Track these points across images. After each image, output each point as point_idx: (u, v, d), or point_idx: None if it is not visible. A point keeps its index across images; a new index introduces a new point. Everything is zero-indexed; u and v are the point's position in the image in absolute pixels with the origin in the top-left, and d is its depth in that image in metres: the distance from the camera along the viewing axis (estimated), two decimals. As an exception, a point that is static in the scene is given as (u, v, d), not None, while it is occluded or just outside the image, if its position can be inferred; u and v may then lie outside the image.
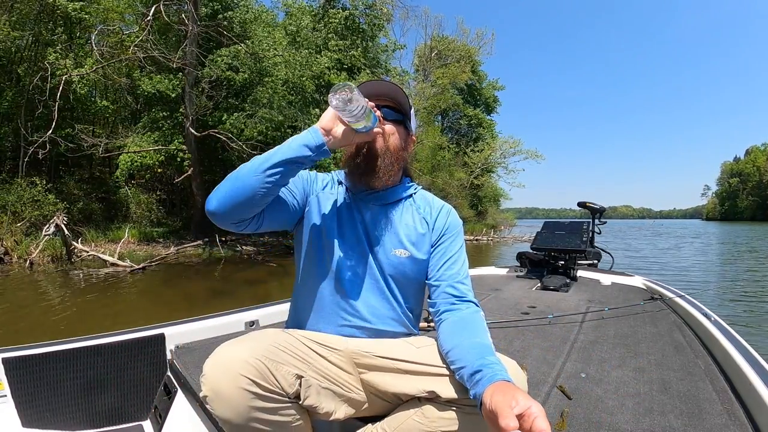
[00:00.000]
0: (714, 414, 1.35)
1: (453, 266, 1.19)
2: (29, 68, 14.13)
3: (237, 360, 0.84)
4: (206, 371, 0.85)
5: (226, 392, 0.82)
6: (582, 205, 4.75)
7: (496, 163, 36.02)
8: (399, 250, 1.17)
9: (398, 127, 1.19)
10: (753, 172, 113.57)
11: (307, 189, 1.23)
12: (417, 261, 1.19)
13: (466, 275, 1.21)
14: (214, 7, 14.61)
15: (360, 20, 20.06)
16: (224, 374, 0.83)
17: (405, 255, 1.17)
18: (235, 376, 0.82)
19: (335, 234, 1.17)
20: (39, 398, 1.63)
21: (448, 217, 1.26)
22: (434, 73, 30.98)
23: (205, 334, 2.08)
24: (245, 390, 0.83)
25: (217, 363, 0.85)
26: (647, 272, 10.49)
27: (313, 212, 1.20)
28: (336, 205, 1.21)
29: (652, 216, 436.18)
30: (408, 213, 1.23)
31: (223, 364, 0.84)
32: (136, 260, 11.05)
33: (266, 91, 13.77)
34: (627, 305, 2.76)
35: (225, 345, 0.90)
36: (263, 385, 0.85)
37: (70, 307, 6.55)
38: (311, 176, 1.26)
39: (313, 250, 1.17)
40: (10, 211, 11.83)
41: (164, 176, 16.90)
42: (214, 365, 0.85)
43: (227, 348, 0.88)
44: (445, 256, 1.20)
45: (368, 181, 1.16)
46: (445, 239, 1.22)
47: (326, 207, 1.20)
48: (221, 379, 0.83)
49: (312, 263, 1.18)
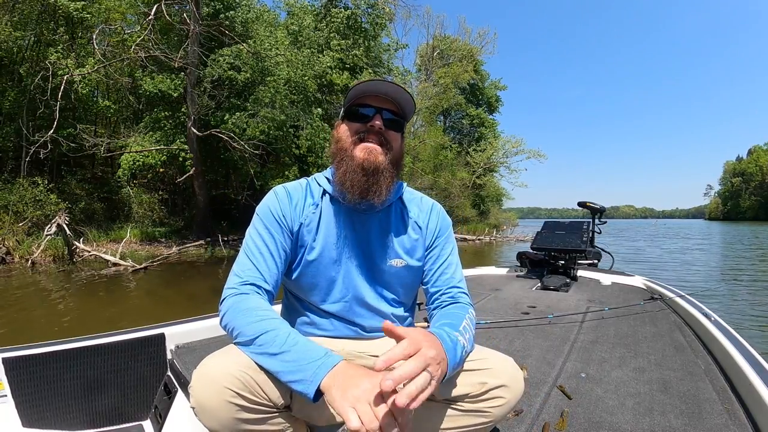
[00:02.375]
0: (714, 414, 1.34)
1: (447, 270, 1.19)
2: (31, 68, 14.17)
3: (222, 373, 0.83)
4: (193, 383, 0.85)
5: (211, 405, 0.82)
6: (582, 205, 4.75)
7: (498, 162, 35.94)
8: (395, 260, 1.16)
9: (399, 134, 1.16)
10: (756, 172, 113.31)
11: (291, 226, 1.12)
12: (412, 268, 1.19)
13: (461, 277, 1.21)
14: (215, 7, 14.61)
15: (362, 19, 20.00)
16: (209, 387, 0.83)
17: (401, 264, 1.17)
18: (220, 390, 0.82)
19: (328, 248, 1.13)
20: (39, 398, 1.64)
21: (439, 219, 1.24)
22: (436, 73, 31.00)
23: (205, 334, 2.08)
24: (230, 402, 0.82)
25: (202, 375, 0.84)
26: (647, 272, 10.47)
27: (303, 234, 1.13)
28: (325, 220, 1.14)
29: (655, 216, 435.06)
30: (400, 219, 1.21)
31: (208, 376, 0.84)
32: (138, 260, 11.08)
33: (268, 90, 13.76)
34: (627, 305, 2.76)
35: (212, 356, 0.89)
36: (249, 398, 0.84)
37: (72, 307, 6.57)
38: (284, 210, 1.12)
39: (304, 263, 1.13)
40: (12, 210, 11.87)
41: (166, 176, 16.94)
42: (200, 378, 0.84)
43: (213, 360, 0.88)
44: (438, 261, 1.20)
45: (369, 199, 1.10)
46: (438, 242, 1.21)
47: (314, 225, 1.14)
48: (206, 392, 0.82)
49: (304, 277, 1.14)
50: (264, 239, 1.08)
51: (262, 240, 1.08)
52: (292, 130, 14.88)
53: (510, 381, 0.98)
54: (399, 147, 1.16)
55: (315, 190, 1.18)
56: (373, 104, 1.10)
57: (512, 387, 0.98)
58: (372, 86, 1.09)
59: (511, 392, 0.97)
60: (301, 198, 1.16)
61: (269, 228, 1.09)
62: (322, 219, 1.14)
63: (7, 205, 11.90)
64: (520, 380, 1.01)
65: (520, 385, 1.01)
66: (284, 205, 1.12)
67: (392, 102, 1.12)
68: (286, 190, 1.16)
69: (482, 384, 0.96)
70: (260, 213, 1.12)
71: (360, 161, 1.07)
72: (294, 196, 1.15)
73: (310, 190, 1.18)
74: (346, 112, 1.13)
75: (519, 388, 1.00)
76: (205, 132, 13.72)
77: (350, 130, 1.11)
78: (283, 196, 1.14)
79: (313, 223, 1.13)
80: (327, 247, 1.12)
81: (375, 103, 1.10)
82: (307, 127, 14.89)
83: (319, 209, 1.15)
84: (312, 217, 1.14)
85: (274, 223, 1.10)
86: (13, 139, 13.96)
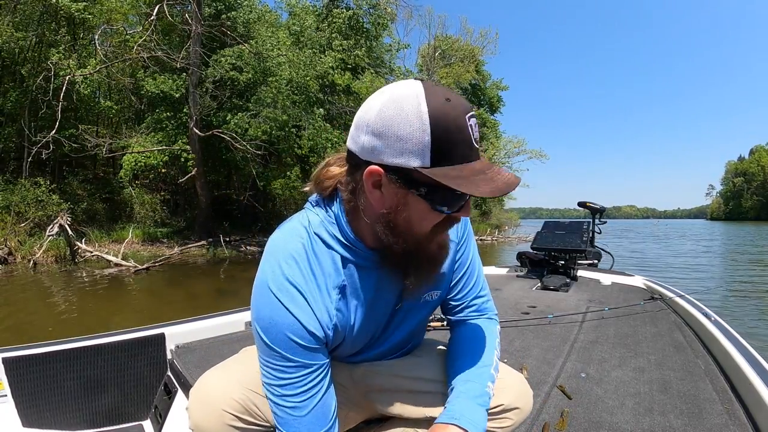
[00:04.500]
0: (714, 414, 1.34)
1: (471, 278, 0.99)
2: (33, 69, 14.22)
3: (221, 396, 0.81)
4: (190, 405, 0.83)
5: (210, 428, 0.80)
6: (582, 205, 4.74)
7: (500, 162, 35.83)
8: (431, 294, 0.93)
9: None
10: (757, 172, 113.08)
11: (324, 339, 0.79)
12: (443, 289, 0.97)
13: (483, 282, 1.03)
14: (217, 7, 14.63)
15: (364, 20, 20.04)
16: (207, 410, 0.81)
17: (436, 295, 0.95)
18: (219, 414, 0.80)
19: (363, 325, 0.86)
20: (39, 398, 1.64)
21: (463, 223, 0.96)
22: (438, 73, 30.95)
23: (206, 334, 2.09)
24: (229, 425, 0.80)
25: (200, 398, 0.82)
26: (647, 272, 10.45)
27: (331, 336, 0.81)
28: (352, 299, 0.82)
29: (656, 216, 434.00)
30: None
31: (206, 398, 0.81)
32: (140, 260, 11.10)
33: (270, 90, 13.78)
34: (627, 305, 2.75)
35: (210, 374, 0.85)
36: (248, 420, 0.82)
37: (74, 307, 6.58)
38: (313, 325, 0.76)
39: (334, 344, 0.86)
40: (14, 211, 11.90)
41: (168, 176, 16.93)
42: (198, 400, 0.82)
43: (212, 379, 0.84)
44: (462, 269, 0.97)
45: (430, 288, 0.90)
46: (462, 248, 0.96)
47: (345, 314, 0.82)
48: (204, 416, 0.80)
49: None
50: (300, 386, 0.76)
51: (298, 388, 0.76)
52: (294, 130, 14.89)
53: (523, 403, 0.95)
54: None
55: (326, 261, 0.79)
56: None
57: (524, 409, 0.95)
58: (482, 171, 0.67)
59: (522, 414, 0.95)
60: (320, 290, 0.79)
61: (304, 361, 0.76)
62: (349, 301, 0.82)
63: (9, 206, 11.92)
64: (530, 401, 0.97)
65: (530, 405, 0.98)
66: (310, 321, 0.76)
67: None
68: (299, 289, 0.75)
69: (497, 406, 0.89)
70: (279, 347, 0.75)
71: (429, 262, 0.81)
72: (311, 295, 0.77)
73: (320, 265, 0.79)
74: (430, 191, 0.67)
75: (529, 409, 0.97)
76: (207, 132, 13.74)
77: (429, 219, 0.72)
78: (301, 307, 0.75)
79: (343, 312, 0.82)
80: (362, 326, 0.86)
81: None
82: (309, 127, 14.90)
83: (345, 291, 0.81)
84: (340, 305, 0.81)
85: (307, 356, 0.76)
86: (15, 140, 14.01)
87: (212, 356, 1.84)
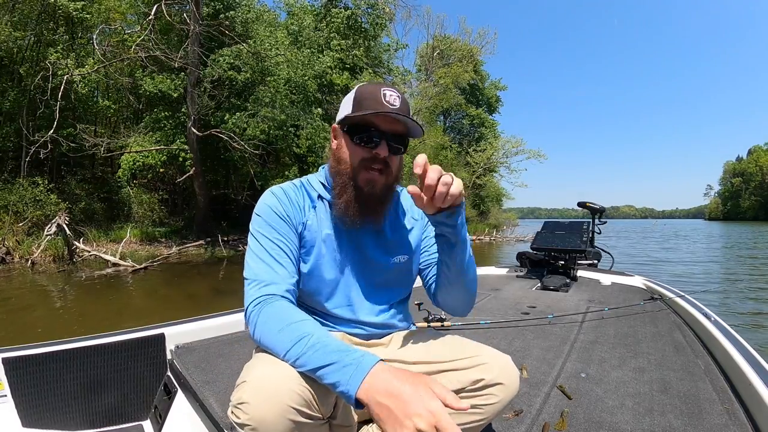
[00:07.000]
0: (714, 414, 1.34)
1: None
2: (31, 68, 14.18)
3: (285, 389, 0.79)
4: (248, 399, 0.79)
5: (272, 422, 0.78)
6: (582, 205, 4.75)
7: (498, 162, 35.91)
8: (399, 257, 1.16)
9: (401, 156, 1.11)
10: (755, 172, 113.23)
11: (296, 225, 1.08)
12: (414, 259, 1.20)
13: None
14: (216, 7, 14.60)
15: (362, 20, 20.03)
16: (271, 404, 0.78)
17: (404, 259, 1.17)
18: (283, 408, 0.78)
19: (329, 251, 1.10)
20: (39, 398, 1.64)
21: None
22: (436, 73, 30.94)
23: (205, 334, 2.08)
24: (290, 420, 0.78)
25: (262, 391, 0.79)
26: (647, 272, 10.47)
27: (305, 235, 1.09)
28: (324, 222, 1.11)
29: (655, 216, 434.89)
30: (396, 216, 1.20)
31: (268, 392, 0.79)
32: (138, 260, 11.07)
33: (268, 90, 13.78)
34: (627, 305, 2.76)
35: (267, 368, 0.83)
36: (307, 413, 0.81)
37: (72, 307, 6.57)
38: (287, 209, 1.07)
39: (309, 265, 1.09)
40: (12, 210, 11.88)
41: (166, 176, 16.93)
42: (259, 393, 0.79)
43: (272, 373, 0.82)
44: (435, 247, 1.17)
45: (369, 224, 1.09)
46: (430, 228, 1.21)
47: (315, 226, 1.10)
48: (268, 409, 0.78)
49: (308, 281, 1.10)
50: (274, 240, 1.02)
51: (271, 241, 1.02)
52: (293, 130, 14.88)
53: (506, 379, 0.98)
54: (399, 166, 1.11)
55: (311, 192, 1.14)
56: (380, 126, 1.01)
57: (508, 385, 0.98)
58: (380, 108, 0.99)
59: (507, 390, 0.98)
60: (300, 198, 1.11)
61: (276, 227, 1.03)
62: (321, 221, 1.10)
63: (7, 205, 11.90)
64: (516, 378, 1.01)
65: (516, 383, 1.01)
66: (285, 205, 1.07)
67: (400, 123, 1.03)
68: (283, 190, 1.11)
69: (477, 380, 0.96)
70: (262, 214, 1.05)
71: (363, 195, 1.04)
72: (292, 195, 1.10)
73: (306, 192, 1.13)
74: (350, 128, 1.04)
75: (515, 386, 1.00)
76: (205, 132, 13.71)
77: (353, 154, 1.03)
78: (282, 195, 1.09)
79: (314, 224, 1.09)
80: (328, 250, 1.09)
81: (382, 125, 1.01)
82: (308, 126, 14.89)
83: (318, 211, 1.11)
84: (312, 218, 1.10)
85: (280, 222, 1.04)
86: (13, 139, 13.97)
87: (212, 356, 1.84)
